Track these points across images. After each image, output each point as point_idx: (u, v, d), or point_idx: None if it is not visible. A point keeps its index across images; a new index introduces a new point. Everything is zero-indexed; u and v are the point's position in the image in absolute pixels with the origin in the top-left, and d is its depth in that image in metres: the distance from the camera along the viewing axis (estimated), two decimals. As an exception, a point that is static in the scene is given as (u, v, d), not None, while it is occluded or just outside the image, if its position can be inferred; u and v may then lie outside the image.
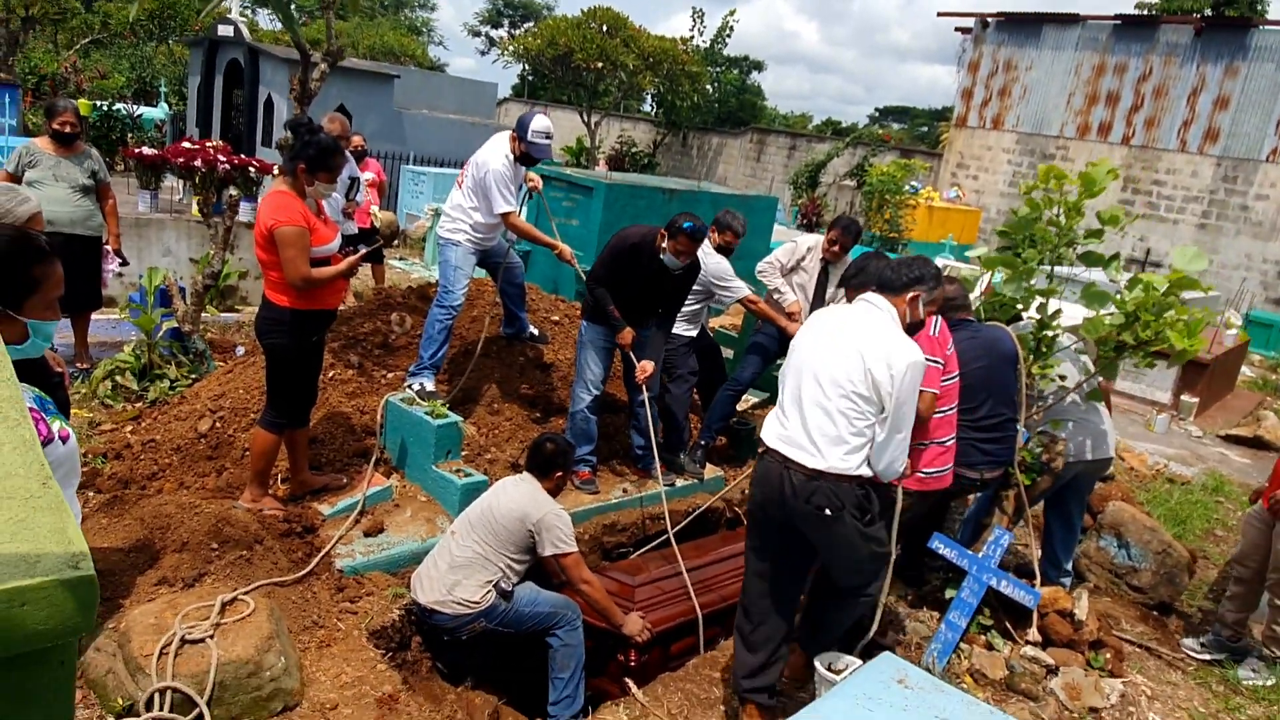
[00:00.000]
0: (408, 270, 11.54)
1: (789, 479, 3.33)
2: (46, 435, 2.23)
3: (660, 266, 5.02)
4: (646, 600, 4.37)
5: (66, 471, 2.36)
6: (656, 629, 4.24)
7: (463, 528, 4.05)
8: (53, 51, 21.61)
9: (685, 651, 4.42)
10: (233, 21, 14.86)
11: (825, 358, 3.36)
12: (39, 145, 5.84)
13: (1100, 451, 4.70)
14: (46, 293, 2.43)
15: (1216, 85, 17.65)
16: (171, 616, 3.27)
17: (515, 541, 3.96)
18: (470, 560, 3.91)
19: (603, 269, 5.08)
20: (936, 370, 3.73)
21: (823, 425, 3.29)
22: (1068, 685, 3.96)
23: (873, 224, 17.73)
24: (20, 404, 1.53)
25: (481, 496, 4.26)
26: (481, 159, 5.18)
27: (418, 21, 45.28)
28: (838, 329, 3.43)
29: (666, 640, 4.38)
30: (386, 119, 15.96)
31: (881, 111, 53.56)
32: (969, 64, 21.14)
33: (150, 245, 8.26)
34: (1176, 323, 4.14)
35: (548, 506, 4.03)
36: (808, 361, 3.41)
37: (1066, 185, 4.51)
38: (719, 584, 4.68)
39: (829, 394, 3.29)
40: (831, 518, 3.28)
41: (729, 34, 27.16)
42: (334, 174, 4.13)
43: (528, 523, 3.95)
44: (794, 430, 3.37)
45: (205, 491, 4.53)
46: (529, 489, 4.12)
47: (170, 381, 5.87)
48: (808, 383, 3.37)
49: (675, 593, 4.50)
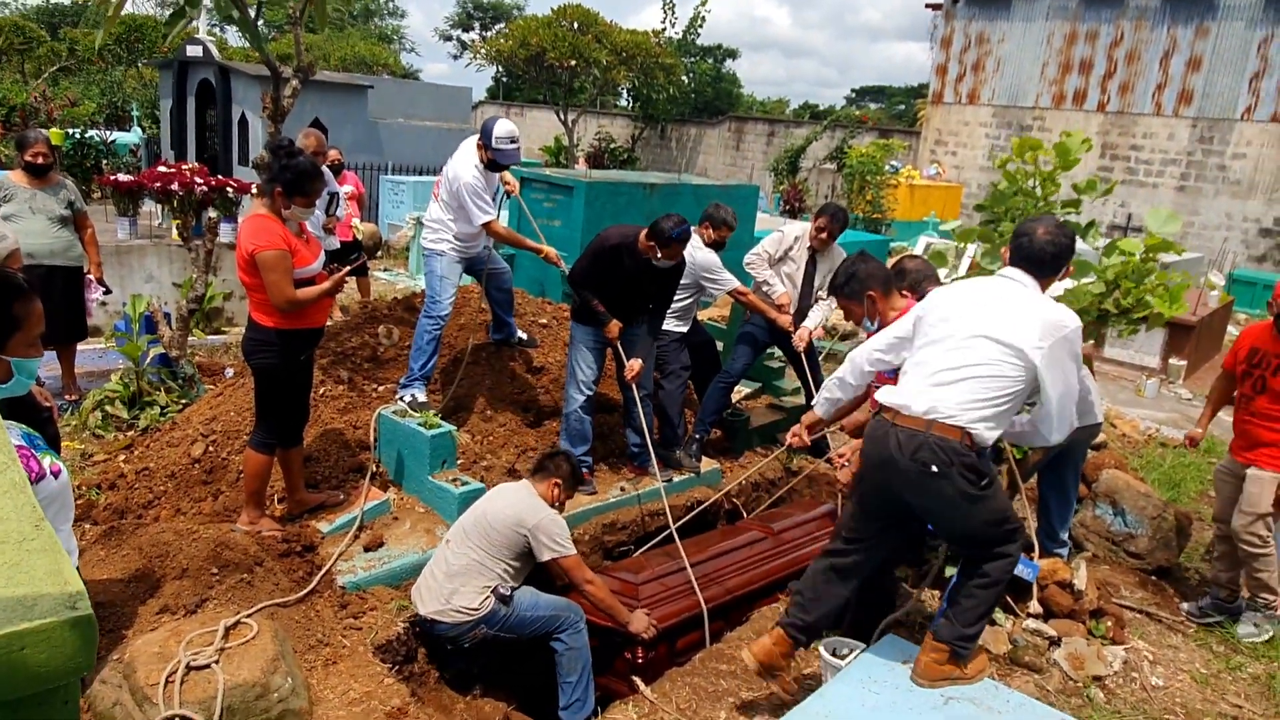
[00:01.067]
0: (393, 280, 11.52)
1: (896, 435, 3.17)
2: (39, 472, 2.24)
3: (643, 265, 5.03)
4: (651, 597, 4.39)
5: (60, 507, 2.36)
6: (662, 625, 4.25)
7: (457, 535, 4.06)
8: (21, 81, 21.47)
9: (691, 647, 4.44)
10: (201, 41, 14.76)
11: (975, 321, 3.20)
12: (13, 179, 5.81)
13: (1089, 418, 4.73)
14: (29, 330, 2.43)
15: (1188, 47, 17.74)
16: (175, 644, 3.27)
17: (510, 546, 3.97)
18: (466, 567, 3.92)
19: (584, 272, 5.09)
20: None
21: (961, 390, 3.13)
22: (1071, 655, 3.99)
23: (855, 206, 17.77)
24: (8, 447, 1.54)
25: (476, 503, 4.28)
26: (452, 172, 5.18)
27: (388, 29, 45.16)
28: (987, 298, 3.27)
29: (672, 636, 4.40)
30: (362, 130, 15.91)
31: (858, 92, 53.64)
32: (941, 40, 21.20)
33: (132, 272, 8.23)
34: (1157, 288, 4.17)
35: (542, 511, 4.04)
36: (954, 327, 3.23)
37: (1042, 157, 4.55)
38: (722, 578, 4.70)
39: (973, 358, 3.14)
40: (938, 474, 3.09)
41: (701, 24, 27.14)
42: (311, 199, 4.12)
43: (522, 528, 3.96)
44: (919, 390, 3.20)
45: (202, 516, 4.52)
46: (524, 494, 4.13)
47: (160, 408, 5.86)
48: (948, 348, 3.21)
49: (679, 588, 4.51)
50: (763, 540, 5.04)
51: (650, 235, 4.95)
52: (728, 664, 4.03)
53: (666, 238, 4.87)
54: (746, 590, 4.72)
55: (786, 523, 5.24)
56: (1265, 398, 4.38)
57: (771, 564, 4.93)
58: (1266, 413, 4.40)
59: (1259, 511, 4.41)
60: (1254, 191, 17.33)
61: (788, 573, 4.91)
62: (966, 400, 3.10)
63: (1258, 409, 4.43)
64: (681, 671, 4.03)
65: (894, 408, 3.21)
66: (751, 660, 3.48)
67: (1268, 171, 17.14)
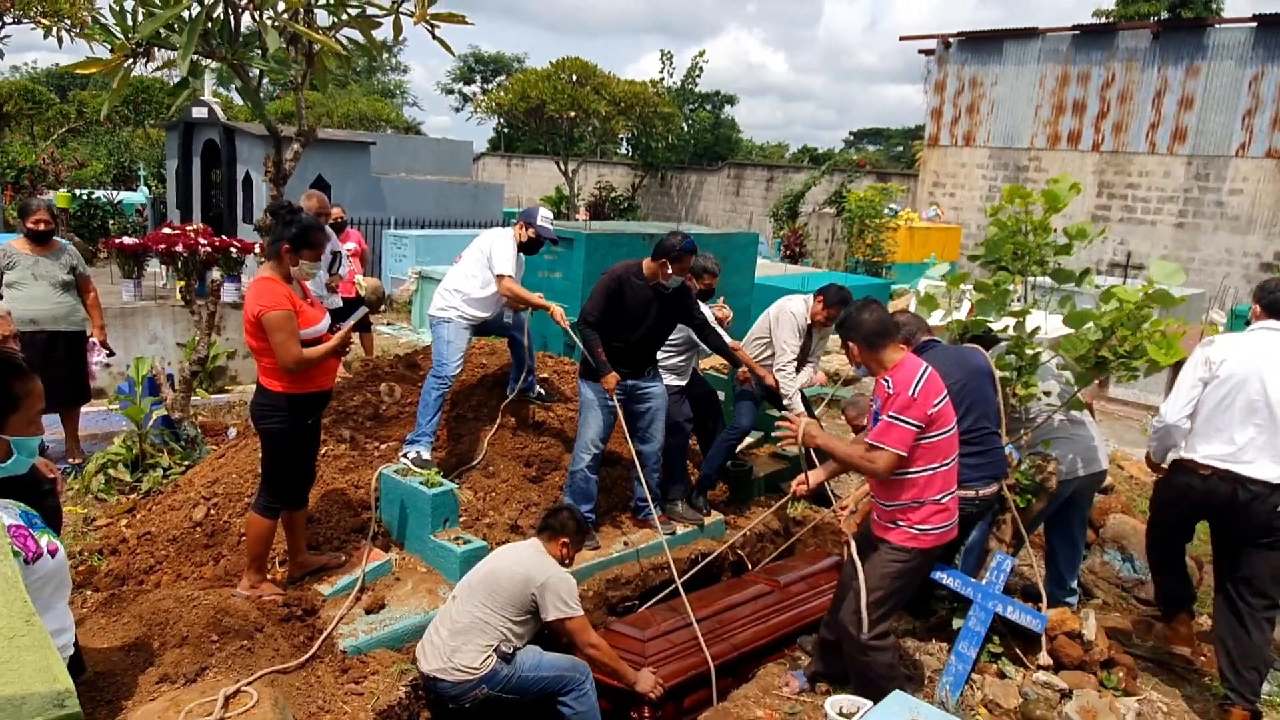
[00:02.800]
0: (396, 335, 11.58)
1: (1242, 491, 3.94)
2: (36, 551, 2.24)
3: (651, 292, 5.08)
4: (658, 654, 4.34)
5: (57, 585, 2.36)
6: (669, 684, 4.20)
7: (464, 592, 4.04)
8: (30, 143, 21.84)
9: (700, 705, 4.38)
10: (206, 103, 15.03)
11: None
12: (15, 246, 5.89)
13: (1093, 465, 4.71)
14: (28, 409, 2.44)
15: (1179, 86, 17.95)
16: (175, 714, 3.24)
17: (515, 604, 3.93)
18: (469, 625, 3.88)
19: (596, 310, 5.07)
20: (910, 432, 3.58)
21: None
22: (1083, 709, 3.93)
23: (855, 249, 17.87)
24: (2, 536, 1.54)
25: (484, 560, 4.26)
26: (488, 236, 5.52)
27: (391, 85, 45.91)
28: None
29: (680, 694, 4.34)
30: (365, 186, 16.11)
31: (856, 135, 54.25)
32: (935, 84, 21.48)
33: (136, 334, 8.29)
34: (1154, 334, 4.17)
35: (551, 569, 4.01)
36: (1266, 383, 3.93)
37: (1031, 203, 4.58)
38: (729, 634, 4.64)
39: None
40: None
41: (699, 73, 27.58)
42: (318, 251, 4.18)
43: (531, 585, 3.93)
44: (1248, 448, 3.95)
45: (203, 581, 4.50)
46: (533, 552, 4.12)
47: (163, 470, 5.87)
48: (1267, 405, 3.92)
49: (686, 645, 4.47)
50: (769, 594, 5.00)
51: (658, 254, 5.01)
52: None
53: (676, 251, 4.95)
54: (754, 646, 4.67)
55: (792, 575, 5.20)
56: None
57: (779, 618, 4.88)
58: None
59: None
60: (1253, 226, 17.40)
61: (795, 627, 4.86)
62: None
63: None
64: (688, 731, 3.97)
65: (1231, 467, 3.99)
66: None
67: (1265, 206, 17.23)
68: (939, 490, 3.73)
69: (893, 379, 3.64)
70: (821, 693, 4.12)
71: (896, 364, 3.71)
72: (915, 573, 3.87)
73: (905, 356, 3.76)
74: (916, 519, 3.72)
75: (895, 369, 3.68)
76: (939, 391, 3.69)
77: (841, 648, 4.09)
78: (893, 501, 3.76)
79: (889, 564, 3.78)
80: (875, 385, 3.77)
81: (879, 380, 3.72)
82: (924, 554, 3.81)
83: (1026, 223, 4.55)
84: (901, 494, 3.72)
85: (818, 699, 4.08)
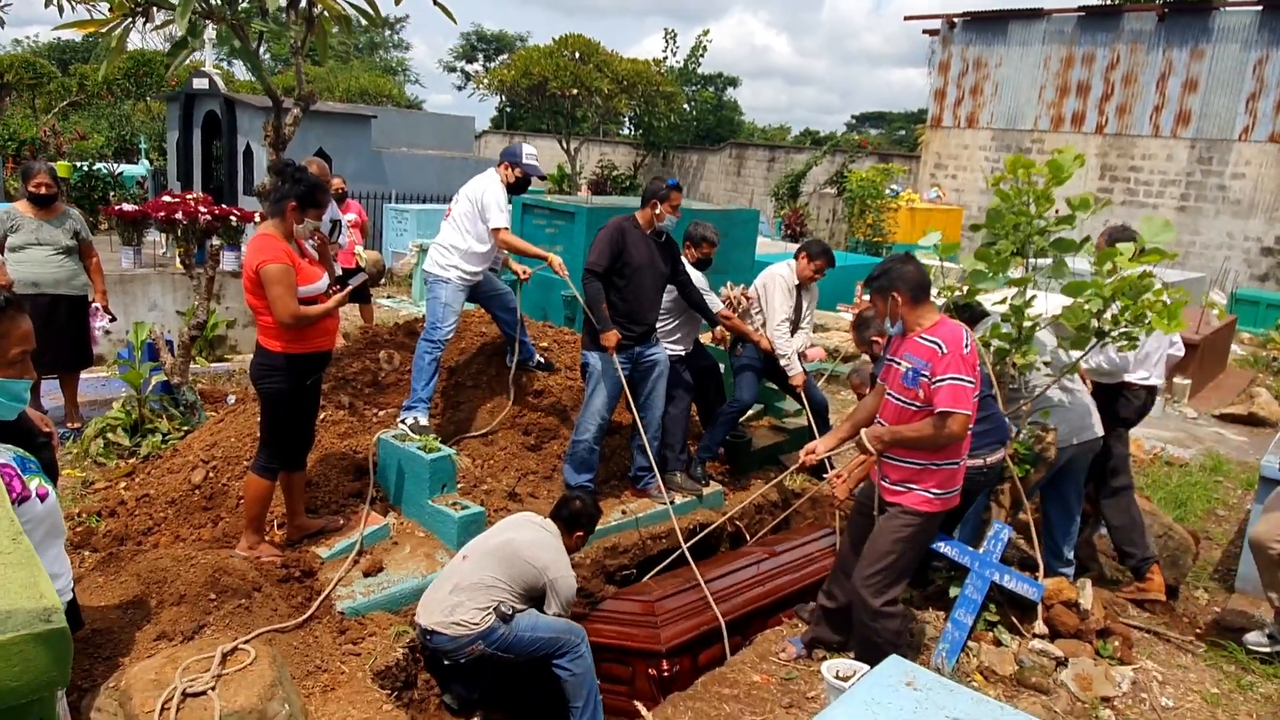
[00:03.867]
0: (395, 308, 11.56)
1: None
2: (22, 492, 2.22)
3: (649, 241, 5.22)
4: (667, 615, 4.42)
5: (48, 529, 2.34)
6: (682, 639, 4.30)
7: (476, 554, 4.08)
8: (31, 116, 21.72)
9: (715, 661, 4.44)
10: (207, 74, 14.93)
11: None
12: (19, 209, 5.87)
13: (1087, 433, 4.70)
14: (6, 349, 2.39)
15: (1184, 69, 17.83)
16: (172, 671, 3.24)
17: (526, 582, 4.03)
18: (475, 585, 3.93)
19: (602, 260, 5.10)
20: (970, 390, 3.54)
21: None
22: (1078, 676, 3.94)
23: (856, 230, 17.81)
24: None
25: (500, 527, 4.30)
26: (475, 184, 5.39)
27: (393, 62, 45.62)
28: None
29: (695, 651, 4.41)
30: (366, 159, 16.04)
31: (858, 118, 53.89)
32: (939, 65, 21.34)
33: (136, 300, 8.27)
34: (1155, 304, 4.15)
35: (566, 570, 4.12)
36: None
37: (1034, 174, 4.55)
38: (734, 594, 4.71)
39: None
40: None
41: (703, 53, 27.40)
42: (323, 209, 4.18)
43: (545, 576, 4.04)
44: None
45: (202, 542, 4.50)
46: (554, 542, 4.20)
47: (162, 435, 5.86)
48: None
49: (695, 604, 4.55)
50: (767, 559, 5.03)
51: (646, 198, 5.25)
52: (730, 688, 3.99)
53: (664, 190, 5.18)
54: (762, 604, 4.74)
55: (787, 545, 5.23)
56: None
57: (780, 580, 4.92)
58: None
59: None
60: (1254, 211, 17.33)
61: (799, 587, 4.90)
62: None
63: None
64: (684, 696, 3.99)
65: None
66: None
67: (1267, 191, 17.15)
68: (962, 452, 3.74)
69: (941, 339, 3.55)
70: (818, 658, 4.13)
71: (936, 323, 3.65)
72: (927, 537, 3.87)
73: (942, 316, 3.71)
74: (934, 483, 3.69)
75: (936, 328, 3.62)
76: (978, 353, 3.71)
77: (838, 615, 4.10)
78: (919, 461, 3.68)
79: (902, 529, 3.75)
80: (906, 344, 3.69)
81: (914, 340, 3.64)
82: (934, 518, 3.80)
83: (1029, 194, 4.51)
84: (934, 455, 3.66)
85: (814, 664, 4.10)
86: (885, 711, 3.28)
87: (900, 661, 3.64)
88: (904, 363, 3.67)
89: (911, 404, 3.65)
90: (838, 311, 11.87)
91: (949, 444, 3.62)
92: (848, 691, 3.44)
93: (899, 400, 3.71)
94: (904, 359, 3.68)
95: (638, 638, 4.35)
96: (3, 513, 1.29)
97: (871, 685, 3.46)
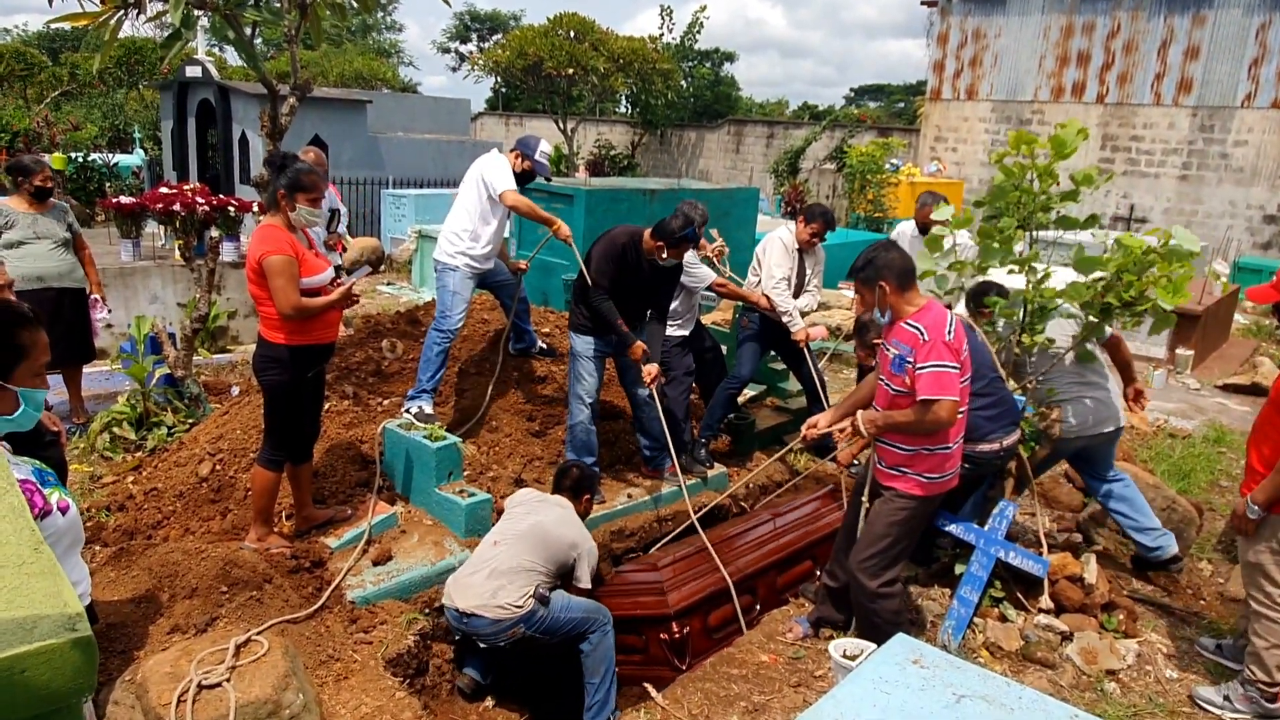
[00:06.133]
0: (396, 294, 11.55)
1: None
2: (44, 507, 2.24)
3: (650, 264, 5.10)
4: (675, 578, 4.49)
5: (70, 542, 2.37)
6: (691, 600, 4.38)
7: (508, 538, 4.17)
8: (23, 107, 21.61)
9: (725, 622, 4.53)
10: (200, 62, 14.84)
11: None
12: (12, 205, 5.85)
13: (1100, 425, 4.65)
14: (34, 360, 2.43)
15: (1185, 36, 17.68)
16: (187, 663, 3.28)
17: (559, 560, 4.17)
18: (513, 569, 4.02)
19: (605, 277, 5.05)
20: (955, 376, 3.57)
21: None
22: (1083, 650, 3.97)
23: (856, 205, 17.75)
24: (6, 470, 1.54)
25: (520, 510, 4.36)
26: (480, 162, 5.38)
27: (386, 44, 45.33)
28: None
29: (705, 611, 4.48)
30: (363, 145, 15.98)
31: (856, 91, 53.60)
32: (938, 37, 21.17)
33: (137, 294, 8.27)
34: (1160, 279, 4.14)
35: (587, 539, 4.32)
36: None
37: (1037, 149, 4.52)
38: (740, 557, 4.78)
39: None
40: None
41: (699, 29, 27.19)
42: (313, 194, 4.11)
43: (574, 550, 4.21)
44: None
45: (211, 535, 4.54)
46: (572, 515, 4.36)
47: (168, 428, 5.88)
48: None
49: (702, 567, 4.62)
50: (770, 521, 5.09)
51: (656, 235, 5.02)
52: (739, 668, 4.02)
53: (676, 238, 4.97)
54: (767, 562, 4.81)
55: (790, 505, 5.33)
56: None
57: (786, 538, 4.99)
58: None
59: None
60: (1257, 178, 17.25)
61: (804, 544, 4.99)
62: None
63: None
64: (693, 677, 4.03)
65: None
66: None
67: (1270, 158, 17.07)
68: (954, 437, 3.73)
69: (923, 325, 3.57)
70: (825, 638, 4.17)
71: (922, 309, 3.66)
72: (922, 520, 3.90)
73: (929, 301, 3.72)
74: (926, 468, 3.72)
75: (921, 314, 3.63)
76: (964, 336, 3.71)
77: (843, 594, 4.13)
78: (911, 446, 3.72)
79: (896, 512, 3.79)
80: (893, 331, 3.72)
81: (900, 326, 3.66)
82: (928, 502, 3.82)
83: (1032, 169, 4.49)
84: (926, 440, 3.69)
85: (821, 643, 4.13)
86: (893, 689, 3.32)
87: (907, 639, 3.67)
88: (892, 349, 3.71)
89: (901, 390, 3.69)
90: (839, 289, 11.86)
91: (938, 429, 3.63)
92: (855, 670, 3.48)
93: (890, 386, 3.74)
94: (892, 345, 3.72)
95: (647, 604, 4.44)
96: (24, 523, 1.30)
97: (879, 663, 3.50)
